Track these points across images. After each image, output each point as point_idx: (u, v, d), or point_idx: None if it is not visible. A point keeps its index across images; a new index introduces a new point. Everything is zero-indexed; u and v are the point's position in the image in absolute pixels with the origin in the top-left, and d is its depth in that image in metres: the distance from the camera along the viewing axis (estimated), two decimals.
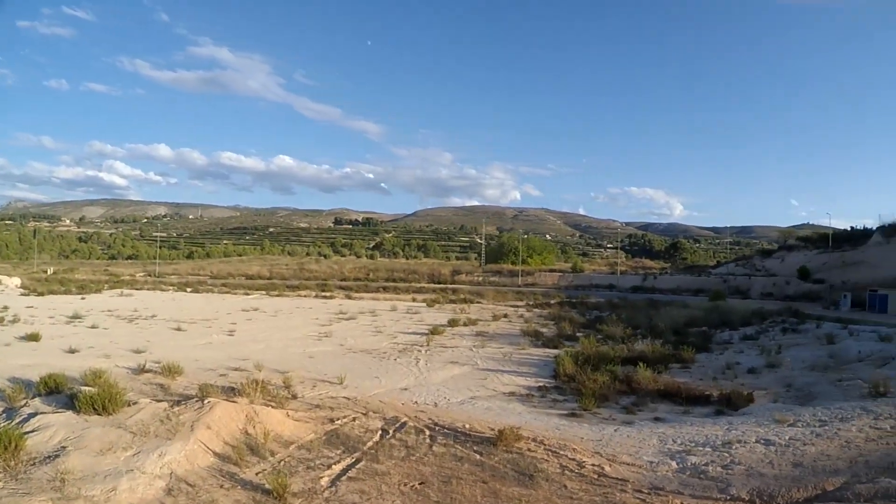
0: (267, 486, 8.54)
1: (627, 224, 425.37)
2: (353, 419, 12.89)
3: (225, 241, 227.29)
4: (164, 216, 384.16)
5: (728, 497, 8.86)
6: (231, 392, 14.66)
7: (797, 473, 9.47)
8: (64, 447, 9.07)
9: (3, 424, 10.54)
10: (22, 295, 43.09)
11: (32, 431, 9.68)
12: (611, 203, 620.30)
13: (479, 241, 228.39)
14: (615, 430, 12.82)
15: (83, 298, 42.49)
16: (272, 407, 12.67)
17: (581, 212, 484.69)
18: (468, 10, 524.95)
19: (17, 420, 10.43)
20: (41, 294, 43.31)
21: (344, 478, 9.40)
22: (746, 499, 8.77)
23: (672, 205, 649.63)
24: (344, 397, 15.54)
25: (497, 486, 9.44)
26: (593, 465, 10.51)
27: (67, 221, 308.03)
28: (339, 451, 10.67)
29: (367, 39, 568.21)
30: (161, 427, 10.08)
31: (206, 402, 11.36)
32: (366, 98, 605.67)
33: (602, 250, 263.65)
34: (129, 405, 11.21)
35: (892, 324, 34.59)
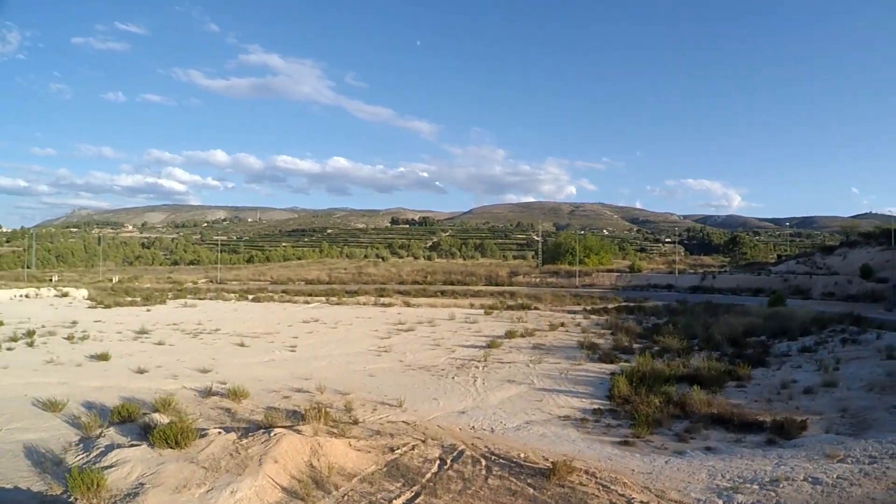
0: None
1: (685, 217, 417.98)
2: (413, 447, 13.55)
3: (284, 244, 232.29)
4: (224, 220, 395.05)
5: None
6: (295, 417, 15.58)
7: None
8: (142, 483, 9.95)
9: (81, 456, 11.64)
10: (89, 308, 45.13)
11: (111, 467, 10.62)
12: (667, 196, 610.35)
13: (535, 238, 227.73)
14: (666, 462, 13.11)
15: (149, 310, 44.29)
16: (335, 436, 13.44)
17: (638, 206, 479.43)
18: (516, 7, 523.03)
19: (95, 453, 11.52)
20: (108, 307, 45.24)
21: None
22: None
23: (730, 196, 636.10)
24: (403, 422, 16.27)
25: None
26: (642, 501, 10.89)
27: (130, 227, 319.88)
28: (398, 485, 11.31)
29: (416, 40, 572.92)
30: (231, 461, 10.91)
31: (272, 434, 12.14)
32: (417, 98, 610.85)
33: (660, 245, 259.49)
34: (200, 436, 12.11)
35: None
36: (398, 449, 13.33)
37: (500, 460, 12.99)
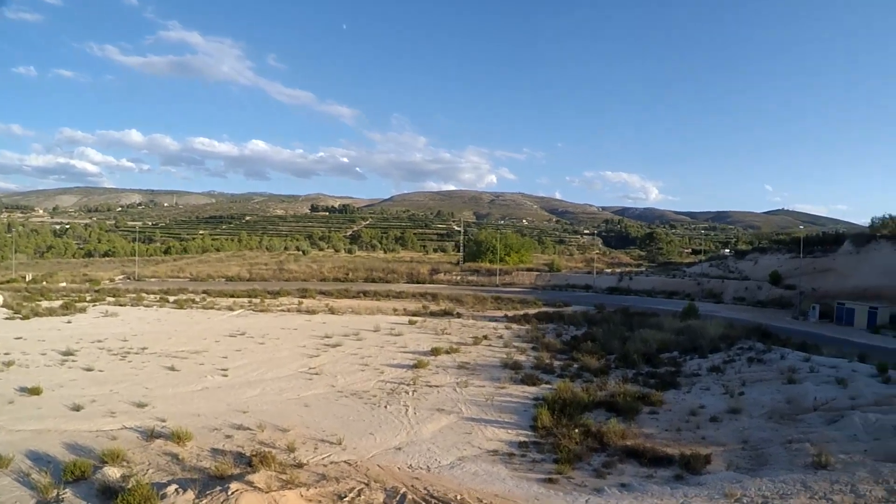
0: None
1: (604, 209, 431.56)
2: (359, 492, 14.56)
3: (201, 231, 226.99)
4: (139, 204, 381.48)
5: None
6: (242, 461, 16.27)
7: None
8: None
9: None
10: (7, 319, 43.01)
11: None
12: (586, 187, 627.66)
13: (456, 228, 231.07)
14: (586, 502, 14.58)
15: (69, 322, 42.67)
16: (286, 485, 14.30)
17: (557, 196, 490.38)
18: None
19: None
20: (26, 318, 43.29)
21: None
22: None
23: (647, 189, 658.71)
24: (345, 462, 17.20)
25: None
26: None
27: (41, 211, 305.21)
28: None
29: (341, 23, 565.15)
30: None
31: (230, 493, 12.89)
32: (339, 82, 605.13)
33: (579, 236, 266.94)
34: (160, 497, 12.58)
35: (856, 342, 37.09)
36: (346, 496, 14.29)
37: (440, 503, 14.21)
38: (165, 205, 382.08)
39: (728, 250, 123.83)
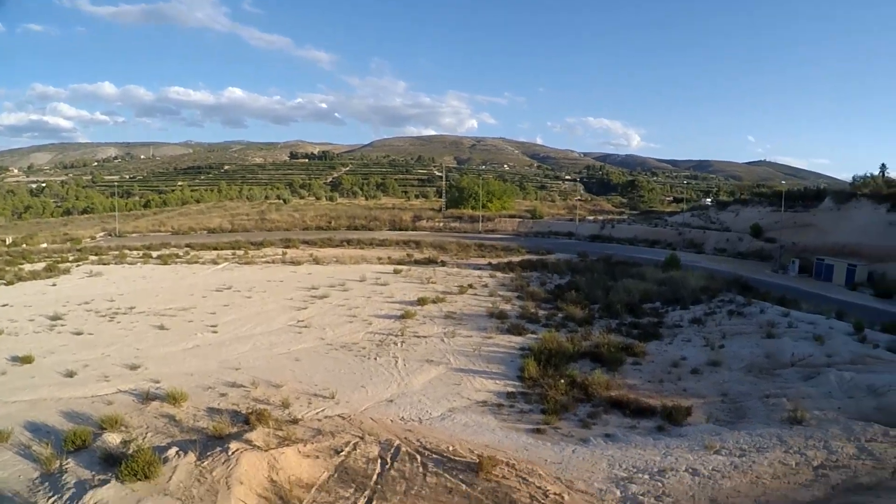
0: None
1: (585, 154, 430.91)
2: (354, 446, 15.10)
3: (180, 183, 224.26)
4: (115, 158, 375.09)
5: None
6: (238, 419, 16.64)
7: None
8: None
9: (54, 500, 11.77)
10: None
11: None
12: (568, 133, 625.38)
13: (437, 173, 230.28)
14: (573, 452, 15.21)
15: (54, 284, 41.92)
16: (284, 442, 14.77)
17: (539, 141, 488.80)
18: None
19: (68, 496, 11.89)
20: (10, 283, 42.33)
21: None
22: None
23: (629, 136, 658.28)
24: (339, 416, 17.71)
25: None
26: (555, 493, 12.95)
27: (15, 171, 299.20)
28: (351, 490, 12.87)
29: None
30: (201, 488, 12.00)
31: (230, 453, 13.29)
32: (317, 26, 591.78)
33: (560, 182, 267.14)
34: (162, 461, 12.87)
35: (834, 299, 38.00)
36: (342, 451, 14.83)
37: (433, 455, 14.78)
38: (142, 157, 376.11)
39: (709, 200, 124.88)
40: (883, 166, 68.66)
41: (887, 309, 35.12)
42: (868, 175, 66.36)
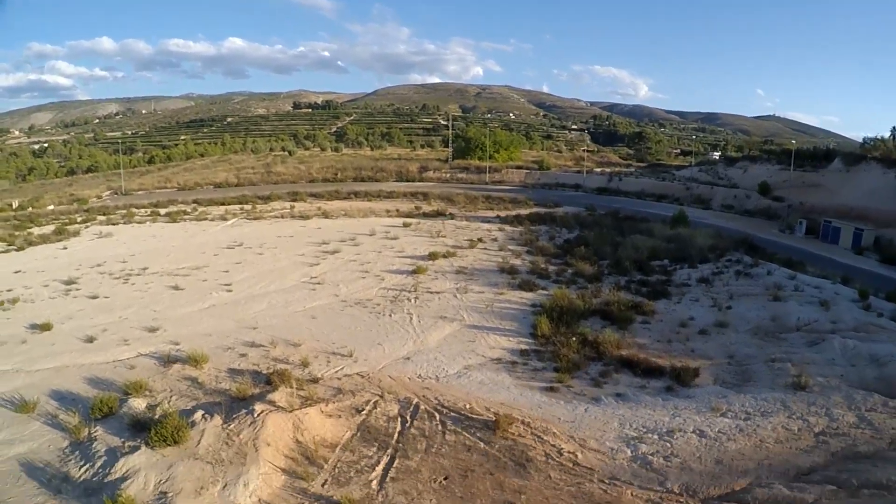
0: (336, 498, 11.29)
1: (592, 104, 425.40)
2: (375, 404, 15.65)
3: (183, 137, 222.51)
4: (116, 114, 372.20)
5: (665, 490, 12.01)
6: (259, 380, 17.08)
7: (717, 471, 12.62)
8: (164, 493, 11.16)
9: (86, 468, 12.27)
10: (1, 252, 41.65)
11: (124, 479, 11.60)
12: (574, 82, 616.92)
13: (442, 122, 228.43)
14: (585, 411, 15.75)
15: (65, 248, 41.84)
16: (307, 402, 15.27)
17: (545, 90, 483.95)
18: None
19: (100, 463, 12.37)
20: (21, 248, 42.03)
21: (387, 480, 12.26)
22: (677, 492, 11.93)
23: (637, 86, 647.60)
24: (358, 374, 18.23)
25: (502, 478, 12.49)
26: (569, 451, 13.55)
27: (16, 132, 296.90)
28: (374, 449, 13.49)
29: None
30: (230, 451, 12.51)
31: (256, 415, 13.77)
32: None
33: (567, 132, 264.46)
34: (189, 425, 13.33)
35: (840, 262, 38.15)
36: (363, 410, 15.39)
37: (451, 413, 15.35)
38: (144, 112, 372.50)
39: (717, 154, 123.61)
40: (894, 129, 67.14)
41: (892, 276, 35.18)
42: (879, 138, 65.25)
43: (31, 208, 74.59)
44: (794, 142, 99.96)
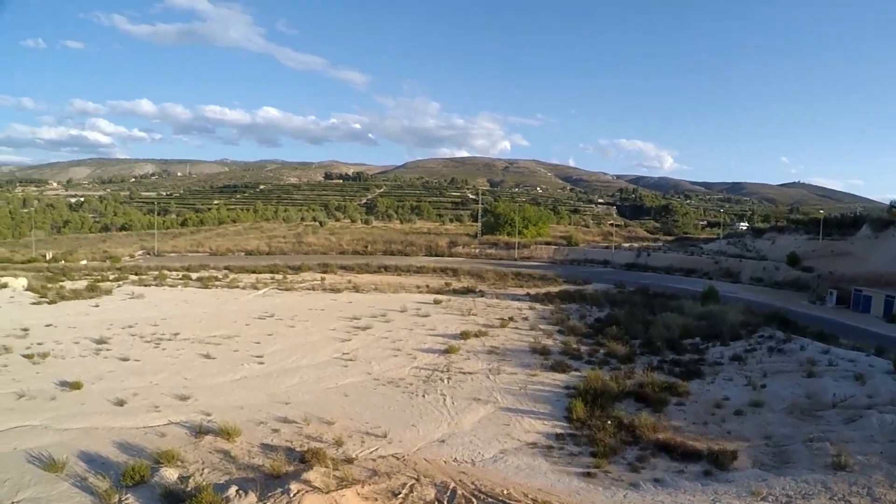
0: None
1: (618, 177, 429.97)
2: (411, 488, 15.52)
3: (216, 201, 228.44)
4: (152, 174, 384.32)
5: None
6: (293, 457, 17.05)
7: None
8: None
9: None
10: (33, 304, 42.72)
11: None
12: (600, 155, 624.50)
13: (470, 196, 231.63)
14: (624, 497, 15.48)
15: (97, 306, 43.02)
16: (343, 484, 15.23)
17: (571, 163, 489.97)
18: None
19: None
20: (53, 302, 42.88)
21: None
22: None
23: (662, 158, 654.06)
24: (393, 456, 18.09)
25: None
26: None
27: (55, 184, 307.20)
28: None
29: None
30: None
31: (292, 494, 13.78)
32: (350, 47, 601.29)
33: (593, 206, 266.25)
34: (223, 501, 13.21)
35: (873, 332, 37.58)
36: (399, 493, 15.25)
37: (489, 499, 15.11)
38: (179, 174, 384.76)
39: (744, 224, 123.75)
40: None
41: None
42: None
43: (64, 261, 76.49)
44: (821, 210, 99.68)
